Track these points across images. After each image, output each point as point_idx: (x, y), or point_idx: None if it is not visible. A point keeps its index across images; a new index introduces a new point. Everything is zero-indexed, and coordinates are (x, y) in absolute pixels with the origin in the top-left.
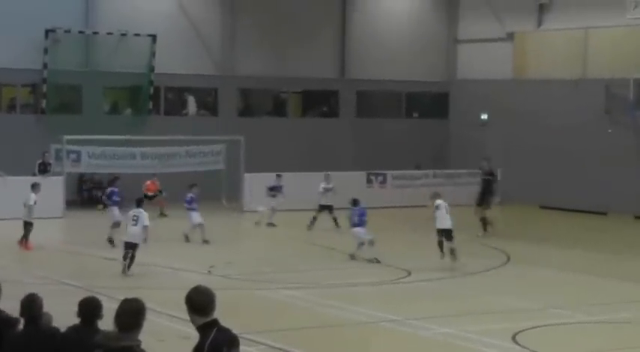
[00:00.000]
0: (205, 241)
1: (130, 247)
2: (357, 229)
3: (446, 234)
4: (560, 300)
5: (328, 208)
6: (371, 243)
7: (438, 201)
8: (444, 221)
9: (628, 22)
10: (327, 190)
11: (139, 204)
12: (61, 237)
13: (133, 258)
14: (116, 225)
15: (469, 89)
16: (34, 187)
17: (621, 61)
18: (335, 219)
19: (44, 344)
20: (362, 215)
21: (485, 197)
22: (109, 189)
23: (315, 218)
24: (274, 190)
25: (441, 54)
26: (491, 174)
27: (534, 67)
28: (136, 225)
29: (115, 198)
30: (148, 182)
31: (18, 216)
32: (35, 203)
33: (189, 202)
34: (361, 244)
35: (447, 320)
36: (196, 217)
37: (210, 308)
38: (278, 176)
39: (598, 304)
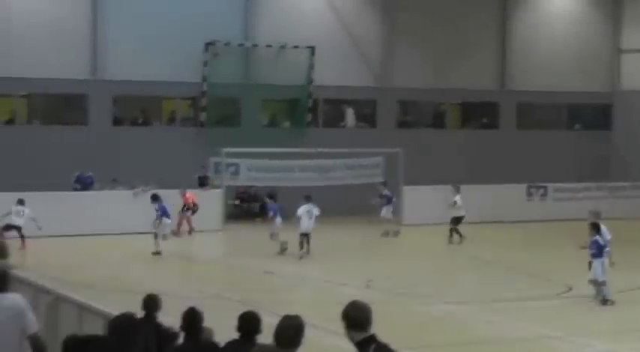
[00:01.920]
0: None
1: (306, 236)
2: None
3: None
4: None
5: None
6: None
7: (603, 228)
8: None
9: None
10: (450, 205)
11: (308, 199)
12: (220, 250)
13: (308, 244)
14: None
15: (633, 100)
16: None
17: None
18: (457, 231)
19: None
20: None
21: None
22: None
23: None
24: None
25: (603, 64)
26: None
27: None
28: (310, 218)
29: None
30: (187, 193)
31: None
32: None
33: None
34: (594, 282)
35: (610, 337)
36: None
37: (368, 324)
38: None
39: None
